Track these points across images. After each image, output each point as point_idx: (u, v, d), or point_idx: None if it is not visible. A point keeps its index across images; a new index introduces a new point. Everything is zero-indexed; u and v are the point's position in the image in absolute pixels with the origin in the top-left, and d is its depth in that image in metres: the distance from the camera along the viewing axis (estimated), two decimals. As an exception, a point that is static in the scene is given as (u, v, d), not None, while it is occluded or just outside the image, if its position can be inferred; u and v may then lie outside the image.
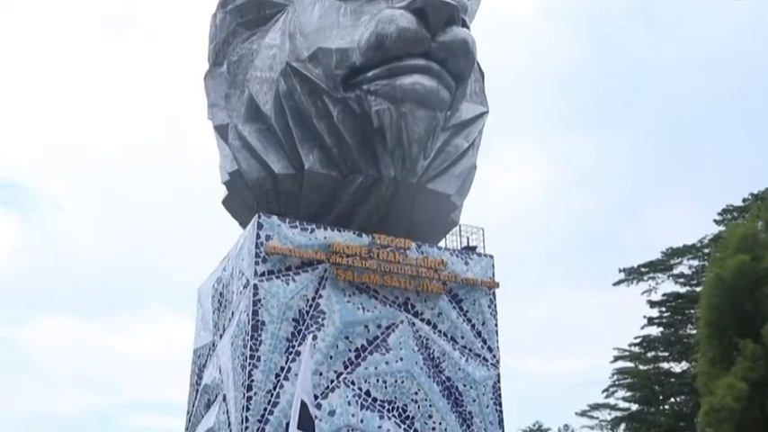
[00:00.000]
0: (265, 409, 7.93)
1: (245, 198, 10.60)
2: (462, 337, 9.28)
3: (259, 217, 9.20)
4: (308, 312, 8.55)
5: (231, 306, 9.45)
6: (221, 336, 9.67)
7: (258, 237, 8.96)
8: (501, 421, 9.14)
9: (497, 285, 9.84)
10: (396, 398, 8.44)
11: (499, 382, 9.33)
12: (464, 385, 8.97)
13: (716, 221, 50.90)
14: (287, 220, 9.27)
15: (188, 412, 10.82)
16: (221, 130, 11.01)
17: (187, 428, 10.71)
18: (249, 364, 8.10)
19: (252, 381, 8.02)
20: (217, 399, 9.29)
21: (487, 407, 9.07)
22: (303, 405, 6.87)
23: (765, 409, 41.25)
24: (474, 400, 8.98)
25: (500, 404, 9.22)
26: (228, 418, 8.45)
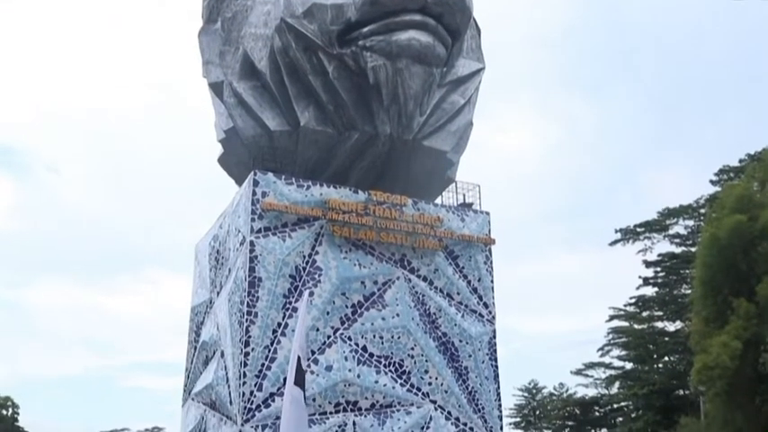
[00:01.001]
0: (263, 365, 7.99)
1: (241, 156, 10.56)
2: (458, 294, 9.32)
3: (255, 174, 9.18)
4: (304, 269, 8.56)
5: (228, 263, 9.47)
6: (218, 293, 9.71)
7: (254, 194, 8.94)
8: (496, 376, 9.22)
9: (493, 242, 9.86)
10: (392, 353, 8.50)
11: (495, 337, 9.39)
12: (460, 341, 9.03)
13: (712, 182, 50.76)
14: (283, 177, 9.25)
15: (186, 369, 10.91)
16: (216, 88, 10.93)
17: (186, 385, 10.80)
18: (246, 320, 8.14)
19: (249, 337, 8.07)
20: (215, 355, 9.36)
21: (483, 362, 9.15)
22: (299, 360, 6.89)
23: (758, 367, 41.79)
24: (470, 356, 9.05)
25: (495, 359, 9.30)
26: (226, 373, 8.51)
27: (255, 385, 7.88)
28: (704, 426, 51.41)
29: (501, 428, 9.13)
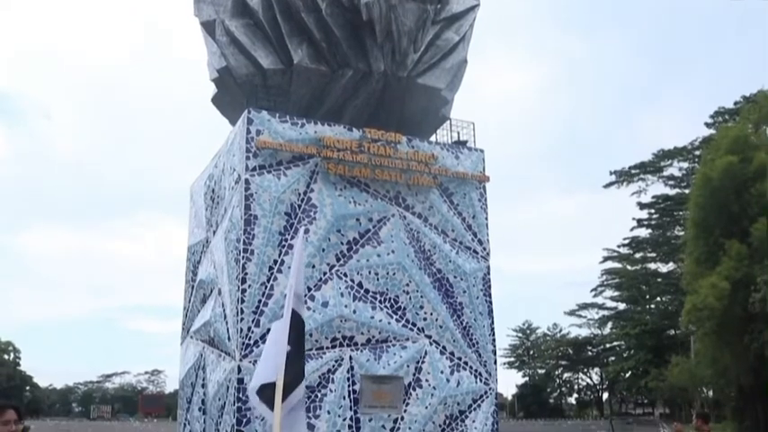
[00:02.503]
0: (260, 301, 8.06)
1: (235, 95, 10.49)
2: (453, 231, 9.38)
3: (249, 112, 9.13)
4: (299, 206, 8.58)
5: (224, 202, 9.48)
6: (215, 232, 9.75)
7: (248, 132, 8.91)
8: (491, 312, 9.35)
9: (488, 179, 9.89)
10: (387, 289, 8.58)
11: (489, 274, 9.48)
12: (454, 277, 9.11)
13: (707, 124, 50.54)
14: (277, 115, 9.21)
15: (184, 308, 11.02)
16: (208, 26, 10.78)
17: (184, 324, 10.92)
18: (243, 257, 8.19)
19: (246, 274, 8.12)
20: (212, 293, 9.44)
21: (477, 298, 9.24)
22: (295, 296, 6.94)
23: (748, 307, 42.38)
24: (464, 292, 9.14)
25: (490, 295, 9.40)
26: (224, 311, 8.60)
27: (253, 321, 7.97)
28: (694, 364, 52.46)
29: (495, 363, 9.28)
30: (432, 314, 8.78)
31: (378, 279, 8.56)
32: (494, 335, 9.28)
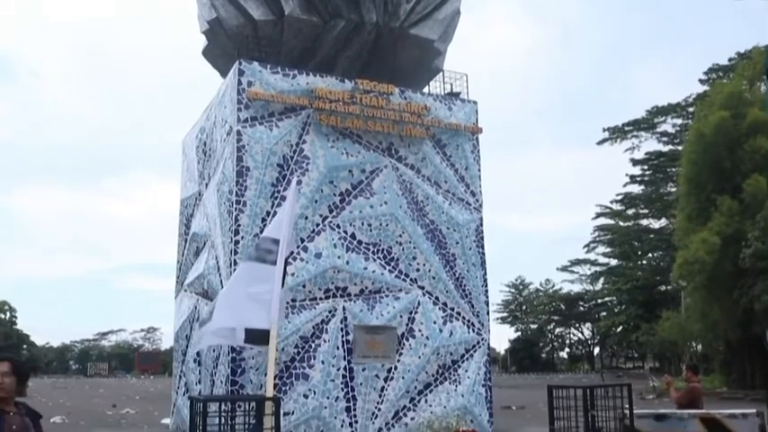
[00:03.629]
0: (253, 252, 8.05)
1: (225, 47, 10.38)
2: (445, 182, 9.37)
3: (240, 63, 9.04)
4: (291, 158, 8.55)
5: (216, 155, 9.44)
6: (207, 185, 9.72)
7: (240, 83, 8.83)
8: (483, 263, 9.38)
9: (480, 131, 9.85)
10: (380, 240, 8.60)
11: (482, 225, 9.50)
12: (447, 228, 9.13)
13: (701, 81, 50.42)
14: (268, 66, 9.12)
15: (178, 262, 11.04)
16: (197, -24, 10.63)
17: (178, 277, 10.95)
18: (235, 209, 8.17)
19: (239, 225, 8.12)
20: (205, 246, 9.45)
21: (470, 249, 9.28)
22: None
23: (738, 262, 42.86)
24: (457, 243, 9.17)
25: (482, 246, 9.44)
26: (217, 262, 8.62)
27: (246, 272, 7.96)
28: (684, 319, 53.13)
29: (487, 313, 9.35)
30: (424, 265, 8.81)
31: (371, 230, 8.57)
32: (486, 286, 9.33)
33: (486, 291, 9.28)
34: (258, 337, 6.67)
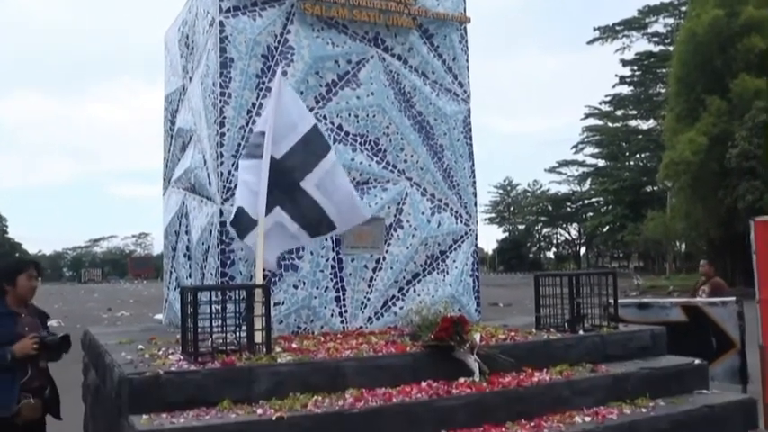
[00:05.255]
0: (239, 145, 8.02)
1: (205, -64, 10.00)
2: (433, 73, 9.25)
3: (220, -50, 8.72)
4: (276, 48, 8.37)
5: (198, 47, 9.24)
6: (191, 78, 9.56)
7: (221, -29, 8.54)
8: (471, 154, 9.38)
9: (468, 20, 9.65)
10: (368, 132, 8.55)
11: (469, 116, 9.45)
12: (435, 119, 9.08)
13: (695, -26, 49.22)
14: (250, -47, 8.80)
15: (164, 158, 10.98)
16: None
17: (165, 174, 10.91)
18: (220, 101, 8.07)
19: (224, 118, 8.03)
20: (191, 140, 9.38)
21: (458, 140, 9.25)
22: (274, 135, 6.93)
23: (723, 162, 43.08)
24: (445, 134, 9.14)
25: (470, 138, 9.41)
26: (204, 156, 8.57)
27: (233, 165, 7.96)
28: (668, 218, 53.80)
29: (475, 204, 9.40)
30: (412, 156, 8.81)
31: (357, 121, 8.51)
32: (474, 177, 9.36)
33: (474, 182, 9.32)
34: (244, 223, 6.72)
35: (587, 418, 6.25)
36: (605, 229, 72.45)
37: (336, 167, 7.08)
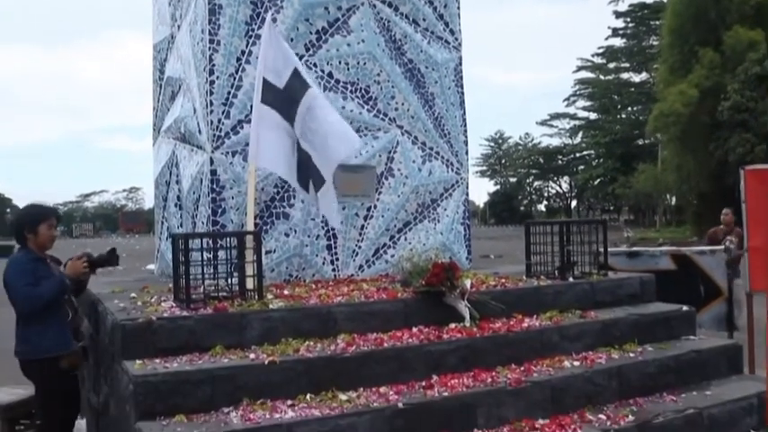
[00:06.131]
0: (229, 93, 7.94)
1: None
2: (424, 20, 9.13)
3: None
4: (265, -5, 8.24)
5: (186, -6, 9.09)
6: (179, 26, 9.41)
7: None
8: (462, 102, 9.33)
9: (459, -35, 9.51)
10: (358, 79, 8.47)
11: (461, 64, 9.36)
12: (426, 67, 8.99)
13: None
14: None
15: (154, 108, 10.87)
16: None
17: (154, 124, 10.81)
18: (209, 49, 7.96)
19: (213, 65, 7.93)
20: (180, 89, 9.28)
21: (449, 88, 9.19)
22: (266, 82, 6.88)
23: (715, 115, 42.97)
24: (436, 82, 9.07)
25: (461, 86, 9.34)
26: (193, 105, 8.49)
27: (223, 113, 7.90)
28: (659, 171, 53.96)
29: (466, 153, 9.38)
30: (403, 104, 8.75)
31: (348, 69, 8.43)
32: (465, 126, 9.32)
33: (465, 131, 9.29)
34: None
35: (576, 363, 6.35)
36: (596, 183, 72.63)
37: (317, 100, 6.90)
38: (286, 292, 6.88)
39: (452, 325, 6.28)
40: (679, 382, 6.61)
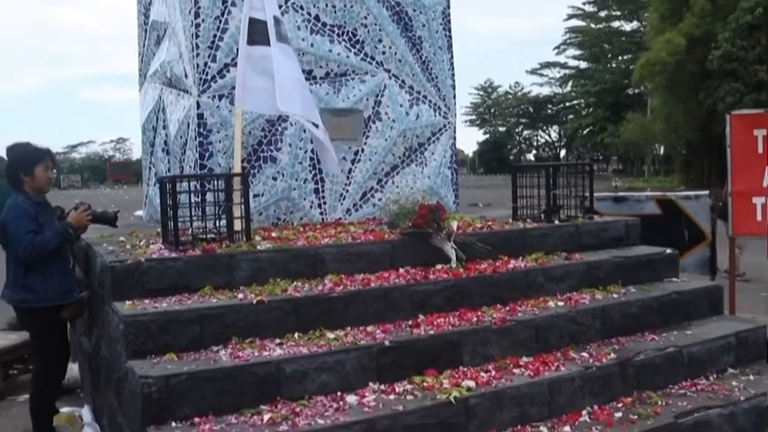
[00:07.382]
0: (215, 36, 7.85)
1: None
2: (411, -38, 9.01)
3: None
4: (250, -64, 8.08)
5: (169, -64, 8.92)
6: (163, -32, 9.26)
7: None
8: (450, 46, 9.26)
9: None
10: (345, 22, 8.38)
11: (449, 7, 9.25)
12: (413, 10, 8.90)
13: None
14: None
15: (139, 53, 10.75)
16: None
17: (140, 69, 10.71)
18: (194, -9, 7.84)
19: (199, 8, 7.83)
20: (166, 33, 9.17)
21: (437, 32, 9.11)
22: (252, 21, 6.80)
23: (705, 64, 42.70)
24: (423, 26, 8.98)
25: (449, 30, 9.26)
26: (179, 49, 8.40)
27: (209, 56, 7.82)
28: (648, 120, 53.89)
29: (454, 97, 9.36)
30: (390, 48, 8.69)
31: (335, 12, 8.34)
32: (453, 70, 9.27)
33: (453, 75, 9.25)
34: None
35: (560, 303, 6.45)
36: (585, 132, 72.56)
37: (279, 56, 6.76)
38: (274, 234, 6.92)
39: (439, 266, 6.35)
40: (661, 323, 6.73)
